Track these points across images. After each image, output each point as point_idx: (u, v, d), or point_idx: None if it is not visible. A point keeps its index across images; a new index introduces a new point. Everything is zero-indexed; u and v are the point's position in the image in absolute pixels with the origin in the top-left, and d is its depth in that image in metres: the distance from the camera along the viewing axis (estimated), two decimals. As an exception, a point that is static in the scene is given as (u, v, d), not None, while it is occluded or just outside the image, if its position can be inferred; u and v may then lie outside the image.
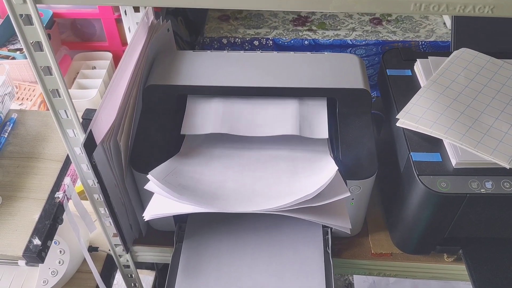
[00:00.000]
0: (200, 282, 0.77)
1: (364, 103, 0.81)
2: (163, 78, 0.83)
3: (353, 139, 0.77)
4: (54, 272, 0.87)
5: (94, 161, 0.66)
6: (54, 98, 0.61)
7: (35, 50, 0.56)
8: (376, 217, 0.90)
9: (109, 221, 0.78)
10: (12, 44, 1.27)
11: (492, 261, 0.78)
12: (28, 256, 0.69)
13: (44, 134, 0.86)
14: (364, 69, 0.86)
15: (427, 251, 0.83)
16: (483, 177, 0.70)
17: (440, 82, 0.81)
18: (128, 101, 0.76)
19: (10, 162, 0.81)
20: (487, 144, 0.71)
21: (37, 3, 0.51)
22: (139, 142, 0.78)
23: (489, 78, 0.82)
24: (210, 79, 0.83)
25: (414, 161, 0.72)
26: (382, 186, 0.92)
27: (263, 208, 0.66)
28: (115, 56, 1.35)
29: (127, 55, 0.77)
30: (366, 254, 0.86)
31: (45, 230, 0.71)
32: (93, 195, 0.74)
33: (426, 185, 0.69)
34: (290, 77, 0.83)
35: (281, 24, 1.46)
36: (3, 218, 0.73)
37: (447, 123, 0.73)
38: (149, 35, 0.87)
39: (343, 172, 0.71)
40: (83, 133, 0.65)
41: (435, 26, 1.43)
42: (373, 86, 1.29)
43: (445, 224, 0.75)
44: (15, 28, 0.53)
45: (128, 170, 0.76)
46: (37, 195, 0.76)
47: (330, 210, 0.69)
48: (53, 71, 0.58)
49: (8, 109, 0.91)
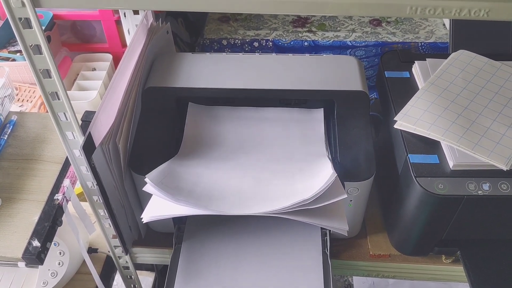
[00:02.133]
0: (199, 283, 0.77)
1: (362, 105, 0.81)
2: (162, 80, 0.84)
3: (351, 141, 0.78)
4: (53, 273, 0.87)
5: (93, 163, 0.67)
6: (53, 101, 0.61)
7: (34, 53, 0.56)
8: (375, 219, 0.90)
9: (108, 223, 0.79)
10: (12, 46, 1.27)
11: (490, 263, 0.78)
12: (28, 258, 0.69)
13: (43, 136, 0.86)
14: (363, 71, 0.86)
15: (425, 253, 0.84)
16: (481, 179, 0.70)
17: (438, 84, 0.81)
18: (127, 103, 0.77)
19: (10, 164, 0.82)
20: (485, 146, 0.71)
21: (36, 7, 0.52)
22: (138, 144, 0.78)
23: (487, 80, 0.82)
24: (209, 81, 0.83)
25: (412, 163, 0.72)
26: (380, 188, 0.92)
27: (260, 211, 0.66)
28: (115, 58, 1.35)
29: (126, 57, 0.77)
30: (365, 255, 0.86)
31: (45, 231, 0.71)
32: (92, 197, 0.74)
33: (424, 187, 0.69)
34: (289, 79, 0.83)
35: (281, 26, 1.46)
36: (2, 220, 0.74)
37: (445, 125, 0.73)
38: (148, 37, 0.87)
39: (341, 174, 0.71)
40: (82, 135, 0.65)
41: (435, 28, 1.43)
42: (373, 87, 1.30)
43: (442, 225, 0.75)
44: (14, 32, 0.54)
45: (127, 172, 0.76)
46: (37, 197, 0.76)
47: (327, 212, 0.69)
48: (52, 74, 0.59)
49: (8, 111, 0.91)
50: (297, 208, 0.66)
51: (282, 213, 0.66)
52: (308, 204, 0.66)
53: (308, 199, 0.65)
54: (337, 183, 0.68)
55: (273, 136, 0.81)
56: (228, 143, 0.80)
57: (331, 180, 0.66)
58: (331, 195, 0.66)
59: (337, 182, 0.68)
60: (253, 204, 0.67)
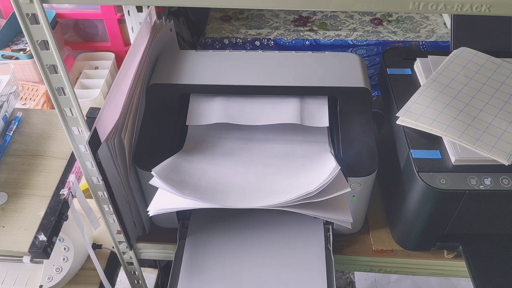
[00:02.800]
0: (203, 278, 0.78)
1: (365, 101, 0.82)
2: (166, 77, 0.84)
3: (354, 137, 0.78)
4: (58, 269, 0.88)
5: (98, 158, 0.67)
6: (60, 96, 0.62)
7: (41, 49, 0.57)
8: (377, 214, 0.91)
9: (113, 218, 0.79)
10: (15, 45, 1.28)
11: (492, 258, 0.79)
12: (34, 252, 0.70)
13: (49, 132, 0.87)
14: (365, 67, 0.87)
15: (427, 248, 0.84)
16: (482, 173, 0.71)
17: (439, 80, 0.82)
18: (132, 100, 0.77)
19: (16, 160, 0.82)
20: (486, 141, 0.72)
21: (43, 3, 0.52)
22: (143, 139, 0.79)
23: (488, 76, 0.83)
24: (213, 78, 0.84)
25: (414, 158, 0.73)
26: (383, 183, 0.93)
27: (264, 204, 0.67)
28: (117, 57, 1.36)
29: (131, 54, 0.78)
30: (367, 250, 0.87)
31: (51, 226, 0.72)
32: (97, 192, 0.75)
33: (426, 182, 0.70)
34: (292, 76, 0.84)
35: (282, 25, 1.47)
36: (9, 215, 0.74)
37: (447, 121, 0.74)
38: (152, 34, 0.88)
39: (344, 169, 0.72)
40: (88, 130, 0.66)
41: (436, 26, 1.43)
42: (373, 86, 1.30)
43: (444, 220, 0.76)
44: (22, 27, 0.54)
45: (132, 167, 0.77)
46: (42, 192, 0.77)
47: (331, 205, 0.70)
48: (58, 70, 0.59)
49: (13, 108, 0.92)
50: (301, 201, 0.66)
51: (287, 206, 0.67)
52: (312, 197, 0.66)
53: (312, 192, 0.66)
54: (340, 176, 0.68)
55: (277, 132, 0.82)
56: (232, 137, 0.81)
57: (334, 173, 0.67)
58: (335, 188, 0.67)
59: (340, 175, 0.68)
60: (258, 197, 0.68)
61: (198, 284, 0.77)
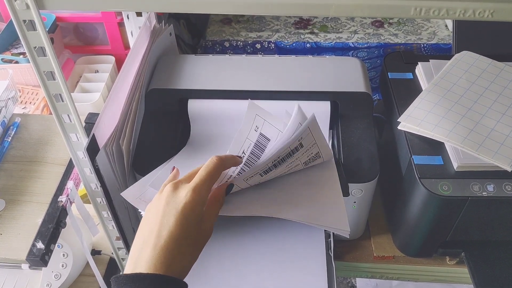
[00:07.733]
0: (201, 283, 0.77)
1: (366, 106, 0.81)
2: (165, 82, 0.84)
3: (355, 142, 0.78)
4: (57, 275, 0.87)
5: (97, 165, 0.67)
6: (57, 102, 0.61)
7: (38, 55, 0.56)
8: (378, 220, 0.90)
9: (112, 225, 0.79)
10: (15, 48, 1.27)
11: (495, 264, 0.78)
12: (32, 260, 0.69)
13: (47, 138, 0.86)
14: (366, 72, 0.86)
15: (429, 254, 0.83)
16: (485, 180, 0.70)
17: (441, 85, 0.81)
18: (131, 105, 0.77)
19: (14, 166, 0.82)
20: (489, 147, 0.71)
21: (40, 9, 0.52)
22: (142, 146, 0.78)
23: (491, 81, 0.82)
24: (212, 83, 0.83)
25: (416, 164, 0.72)
26: (384, 189, 0.92)
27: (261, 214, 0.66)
28: (117, 60, 1.35)
29: (130, 59, 0.77)
30: (369, 257, 0.86)
31: (49, 233, 0.72)
32: (96, 198, 0.74)
33: (428, 188, 0.69)
34: (292, 80, 0.83)
35: (283, 27, 1.47)
36: (6, 222, 0.74)
37: (449, 126, 0.73)
38: (151, 39, 0.88)
39: (345, 175, 0.71)
40: (86, 137, 0.65)
41: (437, 29, 1.43)
42: (375, 89, 1.29)
43: (447, 227, 0.75)
44: (18, 34, 0.54)
45: (130, 173, 0.76)
46: (40, 198, 0.76)
47: (328, 215, 0.69)
48: (56, 76, 0.59)
49: (11, 113, 0.91)
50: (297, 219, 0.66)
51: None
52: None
53: (309, 221, 0.66)
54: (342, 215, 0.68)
55: None
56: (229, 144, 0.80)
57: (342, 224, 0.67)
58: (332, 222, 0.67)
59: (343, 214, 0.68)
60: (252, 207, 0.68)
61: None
